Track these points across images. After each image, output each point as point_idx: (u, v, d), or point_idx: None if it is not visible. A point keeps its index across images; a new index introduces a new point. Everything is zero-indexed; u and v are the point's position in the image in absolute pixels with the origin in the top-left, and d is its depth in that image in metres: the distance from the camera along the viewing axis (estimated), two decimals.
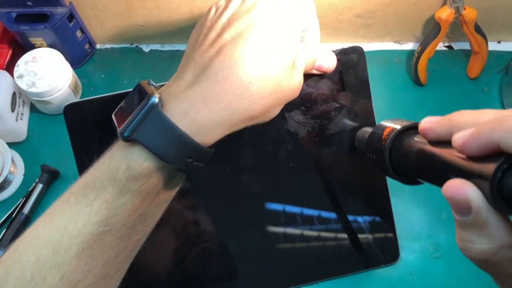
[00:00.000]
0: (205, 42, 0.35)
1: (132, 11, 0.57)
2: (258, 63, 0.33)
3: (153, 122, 0.31)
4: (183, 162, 0.32)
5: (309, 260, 0.46)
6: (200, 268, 0.46)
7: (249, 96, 0.33)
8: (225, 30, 0.34)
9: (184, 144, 0.31)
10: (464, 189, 0.23)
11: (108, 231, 0.32)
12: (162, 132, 0.31)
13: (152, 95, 0.31)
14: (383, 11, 0.55)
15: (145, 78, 0.59)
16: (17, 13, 0.55)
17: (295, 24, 0.36)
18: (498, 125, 0.22)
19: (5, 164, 0.50)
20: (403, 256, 0.48)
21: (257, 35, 0.34)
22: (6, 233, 0.49)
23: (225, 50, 0.33)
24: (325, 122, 0.46)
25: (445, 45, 0.60)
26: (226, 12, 0.35)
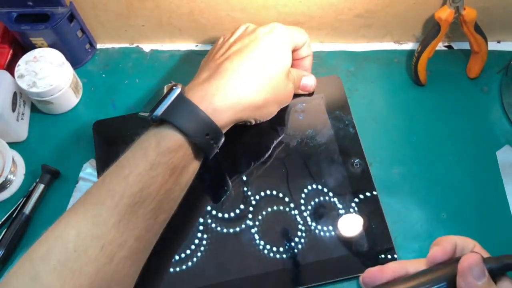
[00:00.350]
0: (217, 54, 0.45)
1: (132, 11, 0.57)
2: (260, 64, 0.44)
3: (178, 104, 0.39)
4: (202, 138, 0.39)
5: (303, 263, 0.46)
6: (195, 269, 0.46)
7: (253, 85, 0.43)
8: (232, 46, 0.45)
9: (203, 121, 0.39)
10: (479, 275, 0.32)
11: (141, 203, 0.36)
12: (185, 112, 0.39)
13: (175, 85, 0.40)
14: (383, 11, 0.55)
15: (146, 78, 0.60)
16: (17, 13, 0.55)
17: (287, 45, 0.46)
18: None
19: (6, 164, 0.50)
20: (403, 256, 0.48)
21: (258, 47, 0.44)
22: (6, 233, 0.49)
23: (233, 55, 0.44)
24: (312, 133, 0.52)
25: (445, 45, 0.60)
26: (233, 36, 0.47)
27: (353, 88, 0.57)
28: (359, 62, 0.60)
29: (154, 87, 0.59)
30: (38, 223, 0.51)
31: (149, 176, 0.36)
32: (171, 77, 0.60)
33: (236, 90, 0.42)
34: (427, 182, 0.51)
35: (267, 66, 0.44)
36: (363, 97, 0.57)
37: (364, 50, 0.61)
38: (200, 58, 0.60)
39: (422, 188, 0.51)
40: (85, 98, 0.58)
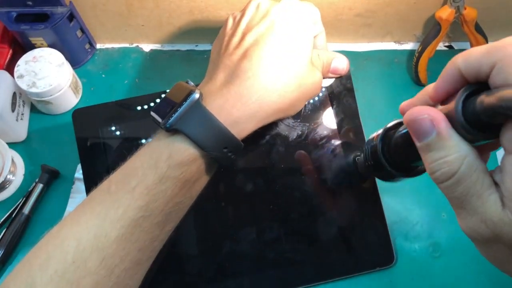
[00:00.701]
0: (230, 46, 0.39)
1: (132, 11, 0.57)
2: (280, 59, 0.37)
3: (195, 114, 0.34)
4: (220, 151, 0.35)
5: (302, 263, 0.46)
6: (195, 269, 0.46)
7: (277, 89, 0.37)
8: (246, 34, 0.38)
9: (221, 134, 0.35)
10: (423, 109, 0.25)
11: (147, 216, 0.34)
12: (202, 123, 0.34)
13: (193, 90, 0.35)
14: (383, 11, 0.55)
15: (145, 78, 0.60)
16: (17, 12, 0.55)
17: (306, 25, 0.40)
18: (457, 56, 0.25)
19: (5, 164, 0.50)
20: (403, 256, 0.48)
21: (276, 35, 0.38)
22: (6, 233, 0.49)
23: (250, 51, 0.37)
24: (313, 125, 0.49)
25: (446, 44, 0.60)
26: (243, 19, 0.40)
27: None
28: (359, 62, 0.60)
29: (154, 87, 0.59)
30: (37, 223, 0.51)
31: (157, 190, 0.34)
32: (171, 77, 0.59)
33: (258, 96, 0.36)
34: (427, 182, 0.51)
35: (290, 61, 0.38)
36: (364, 97, 0.57)
37: (365, 50, 0.61)
38: (200, 58, 0.61)
39: (422, 188, 0.51)
40: (84, 98, 0.58)
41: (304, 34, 0.39)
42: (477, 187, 0.24)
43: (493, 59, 0.22)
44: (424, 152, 0.26)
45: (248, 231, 0.47)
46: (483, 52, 0.23)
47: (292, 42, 0.38)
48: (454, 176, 0.24)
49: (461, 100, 0.24)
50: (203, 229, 0.47)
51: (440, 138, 0.25)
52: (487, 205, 0.23)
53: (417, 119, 0.25)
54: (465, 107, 0.23)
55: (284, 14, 0.39)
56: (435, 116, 0.25)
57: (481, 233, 0.24)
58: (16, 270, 0.33)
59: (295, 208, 0.47)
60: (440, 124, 0.25)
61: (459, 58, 0.24)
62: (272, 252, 0.46)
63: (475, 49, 0.24)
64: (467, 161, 0.24)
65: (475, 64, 0.23)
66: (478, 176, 0.24)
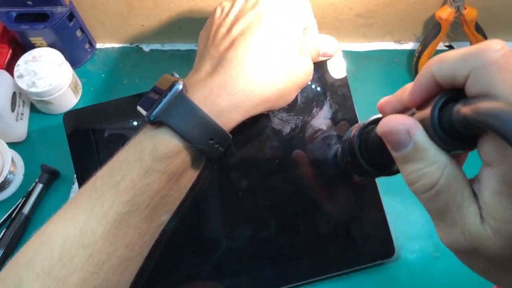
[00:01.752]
0: (217, 37, 0.38)
1: (132, 11, 0.57)
2: (268, 49, 0.37)
3: (178, 105, 0.34)
4: (206, 143, 0.35)
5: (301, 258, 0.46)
6: (192, 265, 0.46)
7: (263, 78, 0.36)
8: (234, 25, 0.38)
9: (206, 125, 0.34)
10: (399, 118, 0.24)
11: (134, 211, 0.33)
12: (186, 114, 0.34)
13: (177, 81, 0.34)
14: (383, 11, 0.55)
15: (145, 78, 0.59)
16: (17, 12, 0.55)
17: (294, 14, 0.39)
18: (431, 60, 0.23)
19: (5, 164, 0.50)
20: (403, 256, 0.48)
21: (263, 26, 0.37)
22: (6, 233, 0.49)
23: (237, 41, 0.37)
24: (307, 118, 0.47)
25: (446, 44, 0.60)
26: (232, 10, 0.39)
27: (353, 87, 0.57)
28: (359, 61, 0.59)
29: None
30: (37, 223, 0.51)
31: (142, 183, 0.33)
32: None
33: (244, 86, 0.35)
34: None
35: (277, 51, 0.37)
36: (363, 97, 0.57)
37: (365, 49, 0.61)
38: None
39: None
40: (84, 98, 0.58)
41: (292, 25, 0.39)
42: (457, 198, 0.23)
43: (468, 67, 0.21)
44: (401, 162, 0.25)
45: (244, 228, 0.46)
46: (458, 58, 0.22)
47: (279, 33, 0.38)
48: (433, 188, 0.23)
49: (436, 109, 0.23)
50: (198, 227, 0.47)
51: (418, 150, 0.23)
52: (466, 217, 0.23)
53: (393, 130, 0.24)
54: (441, 116, 0.22)
55: (273, 5, 0.39)
56: (411, 126, 0.24)
57: (460, 246, 0.24)
58: (4, 269, 0.33)
59: (292, 203, 0.47)
60: (417, 135, 0.23)
61: (433, 64, 0.23)
62: (270, 248, 0.46)
63: (450, 53, 0.22)
64: (447, 172, 0.23)
65: (450, 71, 0.22)
66: (458, 186, 0.23)
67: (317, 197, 0.47)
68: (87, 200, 0.34)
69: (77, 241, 0.32)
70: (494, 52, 0.20)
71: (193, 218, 0.47)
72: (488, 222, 0.22)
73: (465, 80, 0.21)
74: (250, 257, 0.46)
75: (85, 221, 0.33)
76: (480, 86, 0.21)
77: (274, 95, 0.37)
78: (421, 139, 0.23)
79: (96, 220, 0.33)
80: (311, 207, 0.47)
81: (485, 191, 0.22)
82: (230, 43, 0.37)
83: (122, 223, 0.33)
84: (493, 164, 0.21)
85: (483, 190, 0.22)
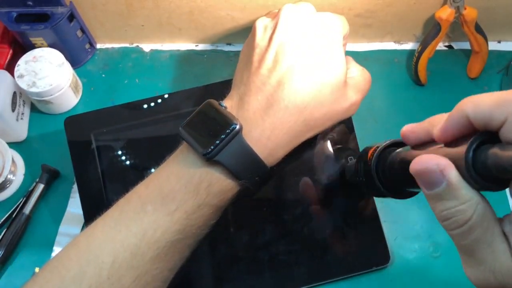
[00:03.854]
0: (263, 65, 0.38)
1: (132, 11, 0.57)
2: (312, 89, 0.37)
3: (234, 146, 0.35)
4: (253, 181, 0.37)
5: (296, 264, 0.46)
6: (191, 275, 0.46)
7: (304, 119, 0.37)
8: (280, 55, 0.37)
9: (257, 166, 0.36)
10: (433, 158, 0.24)
11: (182, 239, 0.35)
12: (241, 155, 0.35)
13: (235, 122, 0.35)
14: (383, 11, 0.55)
15: (145, 78, 0.59)
16: (17, 12, 0.55)
17: (341, 42, 0.39)
18: (467, 100, 0.24)
19: (5, 164, 0.50)
20: (403, 256, 0.48)
21: (310, 60, 0.37)
22: (6, 233, 0.49)
23: (284, 79, 0.37)
24: None
25: (445, 44, 0.60)
26: (276, 34, 0.38)
27: None
28: (359, 62, 0.59)
29: (154, 87, 0.59)
30: (37, 223, 0.51)
31: (195, 215, 0.35)
32: (171, 77, 0.59)
33: (291, 129, 0.37)
34: None
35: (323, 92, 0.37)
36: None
37: (364, 50, 0.61)
38: (200, 58, 0.61)
39: None
40: (84, 98, 0.58)
41: (338, 57, 0.39)
42: (487, 235, 0.23)
43: (504, 113, 0.22)
44: (434, 200, 0.25)
45: (242, 234, 0.47)
46: (494, 103, 0.22)
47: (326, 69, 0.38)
48: (466, 224, 0.24)
49: (471, 151, 0.23)
50: None
51: (451, 189, 0.24)
52: (496, 255, 0.23)
53: (426, 169, 0.25)
54: (475, 158, 0.23)
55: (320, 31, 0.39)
56: (445, 166, 0.24)
57: (489, 283, 0.24)
58: (43, 278, 0.34)
59: (289, 209, 0.47)
60: (451, 175, 0.24)
61: (468, 105, 0.24)
62: (266, 254, 0.46)
63: (484, 97, 0.23)
64: (479, 209, 0.23)
65: (486, 114, 0.23)
66: (489, 224, 0.23)
67: (313, 204, 0.47)
68: (137, 223, 0.34)
69: (126, 263, 0.33)
70: None
71: None
72: None
73: (501, 125, 0.22)
74: (247, 263, 0.46)
75: (135, 245, 0.34)
76: None
77: (311, 133, 0.39)
78: (454, 178, 0.24)
79: (147, 245, 0.34)
80: (308, 214, 0.47)
81: None
82: (279, 80, 0.37)
83: (170, 249, 0.35)
84: None
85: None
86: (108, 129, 0.49)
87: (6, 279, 0.48)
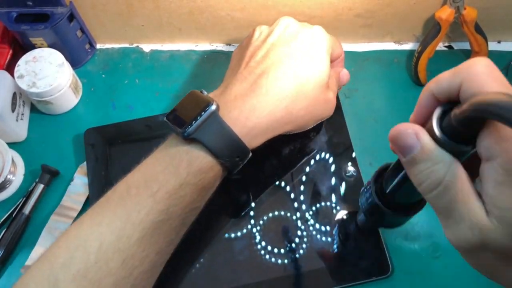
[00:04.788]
0: (252, 59, 0.42)
1: (132, 11, 0.57)
2: (295, 81, 0.40)
3: (212, 124, 0.37)
4: (232, 160, 0.38)
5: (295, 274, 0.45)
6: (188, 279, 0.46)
7: (286, 106, 0.40)
8: (270, 51, 0.42)
9: (236, 145, 0.38)
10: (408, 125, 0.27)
11: (166, 220, 0.36)
12: (219, 133, 0.37)
13: (211, 102, 0.37)
14: (383, 11, 0.55)
15: (145, 78, 0.60)
16: (17, 13, 0.55)
17: (328, 52, 0.43)
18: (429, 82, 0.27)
19: (5, 164, 0.50)
20: (403, 256, 0.48)
21: (296, 59, 0.41)
22: (6, 233, 0.49)
23: (269, 69, 0.40)
24: (306, 141, 0.51)
25: (445, 45, 0.60)
26: (271, 37, 0.43)
27: (353, 88, 0.57)
28: (359, 62, 0.60)
29: (154, 87, 0.59)
30: (37, 223, 0.51)
31: (177, 195, 0.36)
32: (171, 77, 0.59)
33: (271, 113, 0.39)
34: None
35: (306, 86, 0.41)
36: (363, 97, 0.57)
37: (364, 50, 0.61)
38: (200, 58, 0.61)
39: None
40: (84, 98, 0.58)
41: (324, 63, 0.42)
42: (463, 193, 0.25)
43: (458, 79, 0.25)
44: (410, 165, 0.27)
45: (241, 243, 0.47)
46: (450, 74, 0.25)
47: (311, 68, 0.41)
48: (440, 185, 0.25)
49: (437, 115, 0.26)
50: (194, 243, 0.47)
51: (425, 151, 0.26)
52: (473, 212, 0.24)
53: (402, 133, 0.27)
54: (442, 122, 0.25)
55: (310, 40, 0.42)
56: (418, 129, 0.26)
57: (468, 241, 0.25)
58: (35, 268, 0.34)
59: (287, 219, 0.48)
60: (424, 138, 0.26)
61: (431, 84, 0.27)
62: (265, 264, 0.46)
63: (443, 73, 0.26)
64: (452, 169, 0.25)
65: (445, 86, 0.25)
66: (463, 185, 0.25)
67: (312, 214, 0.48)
68: (122, 206, 0.35)
69: (113, 246, 0.34)
70: (479, 64, 0.24)
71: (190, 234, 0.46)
72: (494, 213, 0.23)
73: (458, 90, 0.25)
74: (246, 272, 0.45)
75: (121, 227, 0.34)
76: (470, 91, 0.24)
77: (295, 124, 0.42)
78: (427, 140, 0.26)
79: (132, 226, 0.34)
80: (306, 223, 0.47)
81: (487, 184, 0.24)
82: (263, 70, 0.40)
83: (156, 230, 0.35)
84: (492, 157, 0.23)
85: (485, 184, 0.24)
86: (124, 141, 0.52)
87: (6, 279, 0.48)
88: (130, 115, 0.56)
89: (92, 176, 0.51)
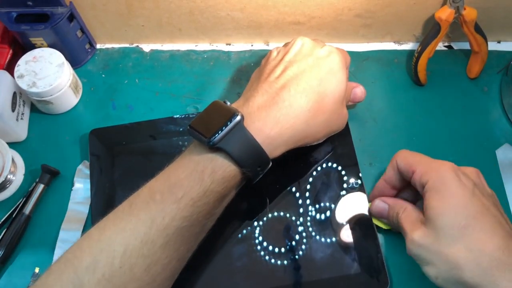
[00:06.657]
0: (272, 75, 0.43)
1: (132, 11, 0.57)
2: (316, 96, 0.42)
3: (236, 134, 0.38)
4: (254, 170, 0.39)
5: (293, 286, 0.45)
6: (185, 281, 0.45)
7: (306, 120, 0.41)
8: (288, 68, 0.43)
9: (259, 154, 0.39)
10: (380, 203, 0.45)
11: (189, 226, 0.36)
12: (243, 143, 0.38)
13: (237, 112, 0.38)
14: (383, 11, 0.55)
15: (145, 78, 0.60)
16: (17, 13, 0.55)
17: (344, 70, 0.45)
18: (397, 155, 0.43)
19: (5, 164, 0.50)
20: (403, 256, 0.48)
21: (316, 74, 0.43)
22: (6, 233, 0.49)
23: (291, 83, 0.42)
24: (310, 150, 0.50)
25: (445, 45, 0.60)
26: (288, 56, 0.44)
27: None
28: (359, 62, 0.60)
29: (154, 87, 0.59)
30: (37, 223, 0.51)
31: (201, 202, 0.36)
32: (171, 77, 0.59)
33: (293, 125, 0.41)
34: None
35: (325, 100, 0.43)
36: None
37: (364, 50, 0.61)
38: (200, 58, 0.61)
39: None
40: (84, 98, 0.58)
41: (342, 78, 0.44)
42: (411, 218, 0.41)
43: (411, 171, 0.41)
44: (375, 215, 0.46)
45: (239, 251, 0.46)
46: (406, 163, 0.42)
47: (331, 83, 0.43)
48: None
49: None
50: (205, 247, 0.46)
51: None
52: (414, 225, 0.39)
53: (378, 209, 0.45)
54: None
55: (326, 59, 0.44)
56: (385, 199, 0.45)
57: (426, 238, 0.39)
58: (57, 270, 0.34)
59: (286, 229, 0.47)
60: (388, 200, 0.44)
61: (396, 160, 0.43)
62: (262, 274, 0.45)
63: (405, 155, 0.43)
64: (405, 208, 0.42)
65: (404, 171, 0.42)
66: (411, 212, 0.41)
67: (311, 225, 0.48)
68: (146, 212, 0.36)
69: (137, 251, 0.34)
70: None
71: None
72: None
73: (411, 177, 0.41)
74: (243, 281, 0.45)
75: (145, 233, 0.35)
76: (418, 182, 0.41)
77: (313, 137, 0.44)
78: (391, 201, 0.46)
79: (156, 232, 0.35)
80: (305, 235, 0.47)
81: None
82: (283, 84, 0.42)
83: (179, 237, 0.36)
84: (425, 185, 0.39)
85: None
86: (128, 143, 0.53)
87: (6, 279, 0.48)
88: (130, 115, 0.56)
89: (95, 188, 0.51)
